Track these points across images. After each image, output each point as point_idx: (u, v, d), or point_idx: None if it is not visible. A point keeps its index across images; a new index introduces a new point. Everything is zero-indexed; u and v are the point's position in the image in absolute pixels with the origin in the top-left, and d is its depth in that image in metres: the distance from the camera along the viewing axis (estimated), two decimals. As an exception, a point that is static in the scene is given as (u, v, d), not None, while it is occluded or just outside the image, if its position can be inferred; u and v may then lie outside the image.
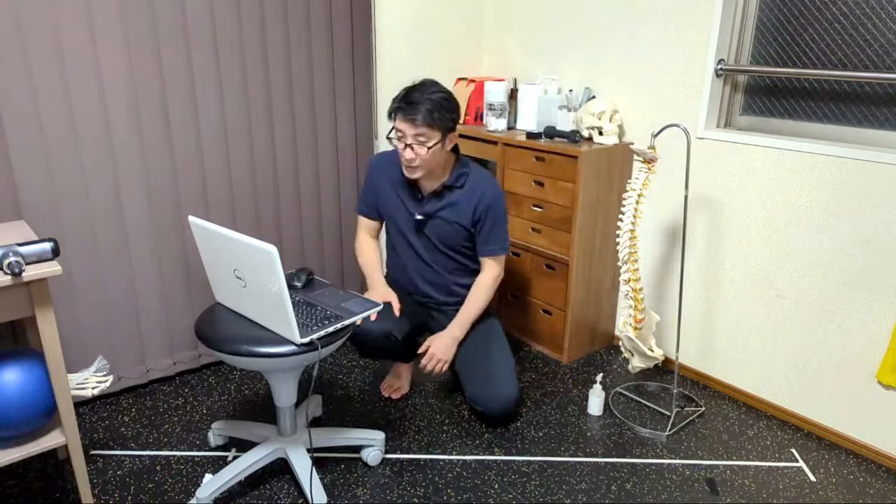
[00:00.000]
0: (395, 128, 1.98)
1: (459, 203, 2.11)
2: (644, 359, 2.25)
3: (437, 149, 1.98)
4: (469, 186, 2.11)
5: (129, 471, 1.97)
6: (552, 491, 1.92)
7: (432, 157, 1.98)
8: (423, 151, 1.95)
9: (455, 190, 2.11)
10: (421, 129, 1.92)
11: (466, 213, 2.11)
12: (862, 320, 2.06)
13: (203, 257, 1.78)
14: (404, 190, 2.15)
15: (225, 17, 2.28)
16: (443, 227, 2.13)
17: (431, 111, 1.92)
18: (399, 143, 1.98)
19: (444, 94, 1.97)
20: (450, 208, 2.11)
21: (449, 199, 2.11)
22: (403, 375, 2.42)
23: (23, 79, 1.95)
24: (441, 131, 1.96)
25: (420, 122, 1.91)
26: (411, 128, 1.93)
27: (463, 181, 2.11)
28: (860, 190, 2.00)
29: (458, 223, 2.12)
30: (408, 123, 1.93)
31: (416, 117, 1.91)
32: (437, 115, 1.93)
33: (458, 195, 2.11)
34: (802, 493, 1.94)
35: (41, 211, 2.07)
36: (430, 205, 2.12)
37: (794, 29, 2.19)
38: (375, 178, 2.21)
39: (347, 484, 1.93)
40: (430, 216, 2.12)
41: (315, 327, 1.67)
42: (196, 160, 2.34)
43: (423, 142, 1.94)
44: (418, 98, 1.93)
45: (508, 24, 3.05)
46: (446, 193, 2.11)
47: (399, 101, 1.96)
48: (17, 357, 1.64)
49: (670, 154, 2.49)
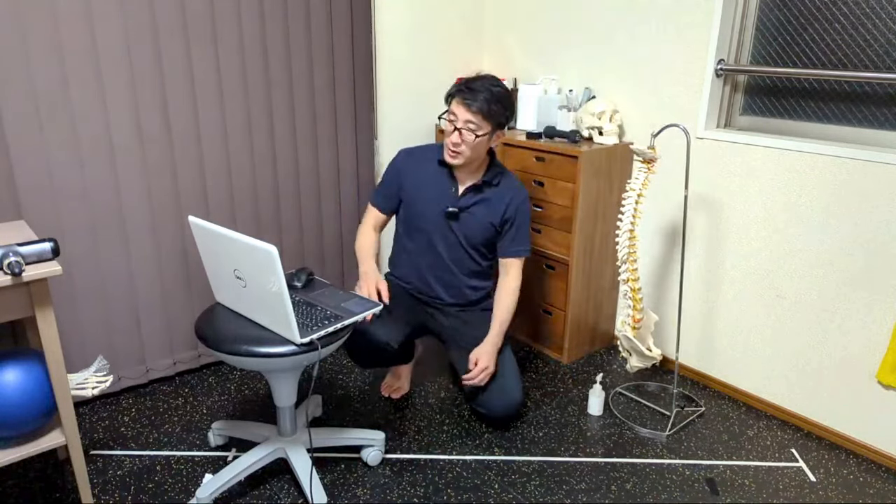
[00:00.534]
0: (449, 111, 2.01)
1: (492, 201, 2.14)
2: (642, 358, 2.25)
3: (483, 140, 2.01)
4: (503, 186, 2.15)
5: (129, 471, 1.97)
6: (552, 491, 1.92)
7: (477, 146, 2.01)
8: (471, 138, 1.98)
9: (491, 188, 2.14)
10: (474, 117, 1.96)
11: (498, 210, 2.14)
12: (862, 320, 2.06)
13: (203, 257, 1.78)
14: (438, 184, 2.15)
15: (225, 17, 2.28)
16: (473, 223, 2.14)
17: (489, 101, 1.96)
18: (449, 126, 2.01)
19: (503, 90, 2.02)
20: (483, 204, 2.14)
21: (484, 195, 2.14)
22: (403, 375, 2.42)
23: (23, 79, 1.95)
24: (492, 124, 2.00)
25: (475, 109, 1.96)
26: (466, 112, 1.97)
27: (499, 180, 2.15)
28: (860, 190, 2.00)
29: (489, 221, 2.14)
30: (463, 108, 1.97)
31: (472, 103, 1.95)
32: (494, 107, 1.97)
33: (492, 193, 2.14)
34: (802, 493, 1.94)
35: (41, 211, 2.07)
36: (464, 199, 2.13)
37: (794, 29, 2.19)
38: (403, 171, 2.18)
39: (347, 484, 1.93)
40: (463, 210, 2.14)
41: (315, 327, 1.67)
42: (196, 160, 2.34)
43: (473, 129, 1.97)
44: (479, 87, 1.98)
45: (508, 24, 3.05)
46: (484, 189, 2.14)
47: (460, 85, 2.01)
48: (17, 357, 1.64)
49: (670, 154, 2.49)
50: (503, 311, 2.17)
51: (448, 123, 2.01)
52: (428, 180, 2.16)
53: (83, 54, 2.03)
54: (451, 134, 2.00)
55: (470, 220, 2.14)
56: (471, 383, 2.09)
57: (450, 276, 2.22)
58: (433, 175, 2.16)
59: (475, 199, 2.13)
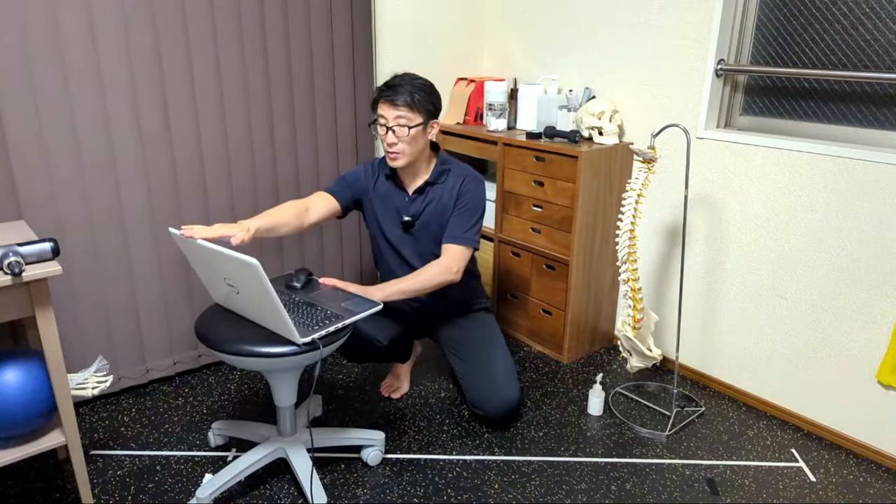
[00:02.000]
0: (377, 117, 1.99)
1: (441, 197, 2.09)
2: (642, 358, 2.25)
3: (418, 132, 1.97)
4: (451, 179, 2.10)
5: (129, 471, 1.97)
6: (552, 491, 1.92)
7: (413, 141, 1.97)
8: (405, 133, 1.94)
9: (437, 186, 2.09)
10: (402, 112, 1.93)
11: (449, 204, 2.08)
12: (862, 320, 2.06)
13: (193, 266, 1.76)
14: (389, 198, 2.12)
15: (225, 16, 2.28)
16: (431, 226, 2.10)
17: (412, 93, 1.94)
18: (381, 130, 1.98)
19: (424, 81, 1.99)
20: (434, 204, 2.09)
21: (432, 195, 2.09)
22: (403, 375, 2.43)
23: (23, 79, 1.95)
24: (422, 114, 1.96)
25: (401, 104, 1.93)
26: (392, 110, 1.93)
27: (444, 177, 2.10)
28: (860, 190, 2.00)
29: (445, 217, 2.09)
30: (388, 106, 1.94)
31: (396, 98, 1.93)
32: (418, 97, 1.94)
33: (440, 191, 2.09)
34: (802, 493, 1.94)
35: (41, 211, 2.07)
36: (415, 204, 2.10)
37: (794, 29, 2.19)
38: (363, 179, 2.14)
39: (347, 484, 1.93)
40: (417, 216, 2.10)
41: (316, 327, 1.67)
42: (196, 160, 2.34)
43: (404, 124, 1.93)
44: (399, 83, 1.95)
45: (508, 24, 3.05)
46: (429, 190, 2.09)
47: (380, 88, 1.98)
48: (17, 357, 1.64)
49: (670, 154, 2.49)
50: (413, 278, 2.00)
51: (380, 128, 1.98)
52: (382, 195, 2.12)
53: (83, 54, 2.03)
54: (386, 135, 1.96)
55: (427, 224, 2.10)
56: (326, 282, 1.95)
57: None
58: (386, 190, 2.12)
59: (424, 202, 2.09)
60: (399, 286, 1.98)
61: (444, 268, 2.02)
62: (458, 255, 2.04)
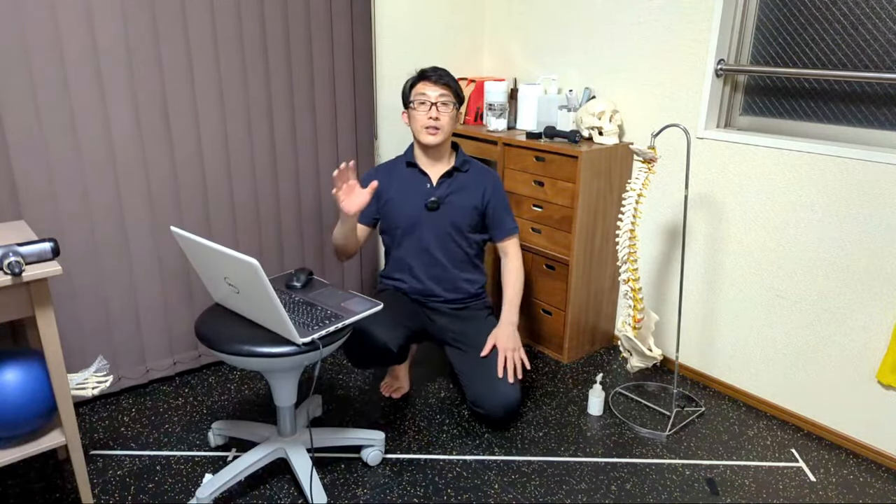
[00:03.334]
0: (416, 94, 2.13)
1: (468, 186, 2.23)
2: (643, 358, 2.25)
3: (454, 114, 2.16)
4: (473, 172, 2.25)
5: (129, 471, 1.97)
6: (552, 491, 1.92)
7: (450, 122, 2.14)
8: (447, 110, 2.12)
9: (461, 174, 2.23)
10: (444, 90, 2.11)
11: (476, 194, 2.23)
12: (862, 320, 2.06)
13: (193, 265, 1.77)
14: (412, 184, 2.22)
15: (225, 16, 2.28)
16: (455, 210, 2.21)
17: (450, 76, 2.15)
18: (423, 107, 2.11)
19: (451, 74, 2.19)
20: (460, 192, 2.22)
21: (459, 181, 2.23)
22: (402, 375, 2.43)
23: (23, 79, 1.95)
24: (457, 99, 2.16)
25: (444, 83, 2.12)
26: (437, 88, 2.11)
27: (468, 166, 2.25)
28: (860, 190, 2.00)
29: (471, 205, 2.22)
30: (433, 85, 2.11)
31: (439, 79, 2.12)
32: (453, 81, 2.15)
33: (466, 179, 2.23)
34: (802, 493, 1.94)
35: (41, 211, 2.07)
36: (440, 189, 2.21)
37: (794, 29, 2.19)
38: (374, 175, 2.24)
39: (347, 484, 1.93)
40: (443, 199, 2.20)
41: (316, 327, 1.67)
42: (196, 160, 2.34)
43: (446, 102, 2.11)
44: (435, 69, 2.14)
45: (508, 24, 3.05)
46: (456, 175, 2.22)
47: (419, 72, 2.15)
48: (17, 357, 1.64)
49: (670, 154, 2.49)
50: (512, 289, 2.25)
51: (420, 105, 2.11)
52: (403, 183, 2.23)
53: (83, 54, 2.03)
54: (428, 112, 2.10)
55: (452, 208, 2.21)
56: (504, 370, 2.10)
57: (443, 272, 2.25)
58: (407, 178, 2.23)
59: (451, 187, 2.22)
60: (514, 302, 2.24)
61: (518, 262, 2.29)
62: (517, 244, 2.31)
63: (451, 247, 2.24)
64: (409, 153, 2.25)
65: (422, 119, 2.11)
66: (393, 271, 2.32)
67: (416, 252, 2.24)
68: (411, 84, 2.15)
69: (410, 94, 2.14)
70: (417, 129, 2.14)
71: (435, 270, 2.25)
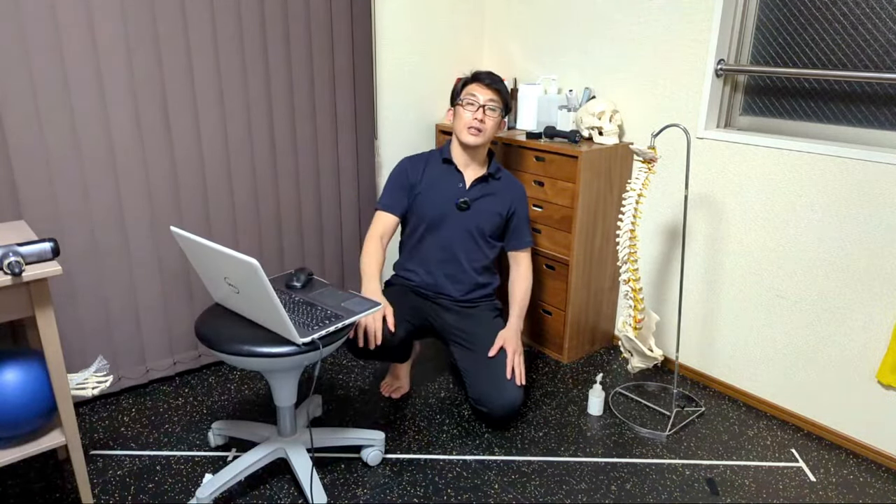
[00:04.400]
0: (466, 94, 2.17)
1: (498, 193, 2.28)
2: (643, 359, 2.25)
3: (499, 120, 2.20)
4: (505, 181, 2.31)
5: (129, 471, 1.97)
6: (552, 491, 1.92)
7: (493, 127, 2.19)
8: (493, 114, 2.16)
9: (494, 180, 2.28)
10: (495, 95, 2.16)
11: (505, 202, 2.28)
12: (862, 320, 2.06)
13: (193, 265, 1.77)
14: (446, 181, 2.25)
15: (225, 16, 2.28)
16: (483, 213, 2.24)
17: (501, 82, 2.20)
18: (470, 107, 2.15)
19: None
20: (491, 197, 2.27)
21: (490, 188, 2.27)
22: (402, 375, 2.43)
23: (23, 79, 1.95)
24: (504, 107, 2.20)
25: (495, 89, 2.16)
26: (487, 92, 2.15)
27: (500, 175, 2.31)
28: (860, 190, 2.00)
29: (497, 211, 2.27)
30: (484, 88, 2.16)
31: (492, 84, 2.16)
32: (504, 91, 2.20)
33: (497, 186, 2.28)
34: (802, 493, 1.94)
35: (41, 211, 2.07)
36: (472, 191, 2.25)
37: (794, 29, 2.19)
38: (410, 172, 2.27)
39: (347, 484, 1.93)
40: (473, 201, 2.24)
41: (316, 327, 1.67)
42: (196, 160, 2.34)
43: (493, 107, 2.15)
44: (490, 73, 2.19)
45: (508, 24, 3.05)
46: (490, 181, 2.27)
47: (473, 74, 2.20)
48: (17, 357, 1.64)
49: (670, 154, 2.49)
50: (521, 295, 2.31)
51: (468, 105, 2.15)
52: (436, 178, 2.26)
53: (83, 54, 2.03)
54: (475, 112, 2.14)
55: (480, 211, 2.24)
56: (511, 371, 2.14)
57: (460, 272, 2.27)
58: (440, 173, 2.26)
59: (482, 191, 2.26)
60: (523, 310, 2.30)
61: (528, 273, 2.34)
62: (529, 257, 2.36)
63: (471, 248, 2.26)
64: (446, 150, 2.27)
65: (467, 118, 2.15)
66: (407, 262, 2.33)
67: (436, 248, 2.26)
68: (464, 83, 2.19)
69: (461, 93, 2.18)
70: (460, 128, 2.17)
71: (451, 269, 2.27)
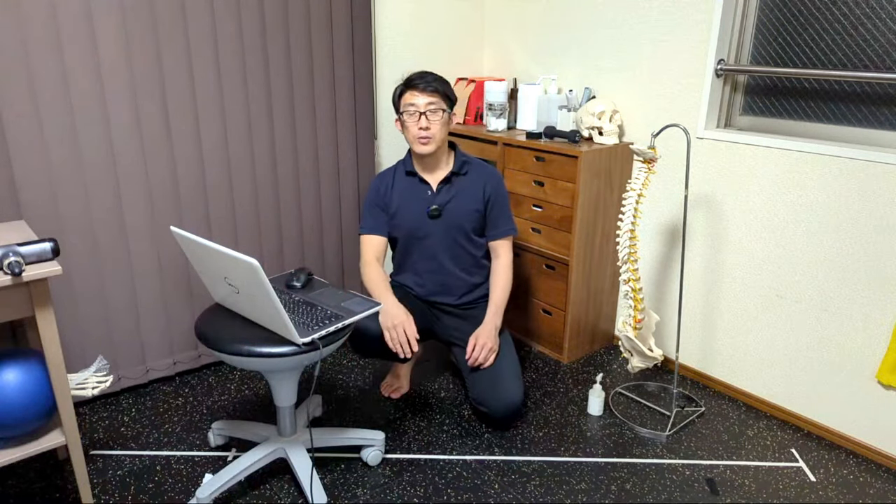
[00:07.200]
0: (404, 106, 2.09)
1: (468, 188, 2.20)
2: (643, 359, 2.25)
3: (445, 119, 2.11)
4: (473, 173, 2.22)
5: (129, 471, 1.97)
6: (552, 491, 1.92)
7: (444, 126, 2.10)
8: (438, 117, 2.07)
9: (461, 177, 2.21)
10: (432, 98, 2.06)
11: (477, 196, 2.20)
12: (862, 320, 2.06)
13: (193, 265, 1.77)
14: (413, 193, 2.20)
15: (225, 17, 2.28)
16: (457, 215, 2.19)
17: (437, 81, 2.09)
18: (412, 118, 2.08)
19: (440, 75, 2.14)
20: (461, 194, 2.20)
21: (458, 185, 2.20)
22: (403, 375, 2.43)
23: (23, 79, 1.95)
24: (447, 103, 2.10)
25: (431, 90, 2.07)
26: (423, 97, 2.06)
27: (466, 168, 2.22)
28: (860, 190, 2.00)
29: (472, 208, 2.20)
30: (419, 93, 2.07)
31: (426, 86, 2.07)
32: (442, 86, 2.09)
33: (464, 182, 2.21)
34: (802, 493, 1.94)
35: (41, 211, 2.07)
36: (440, 196, 2.18)
37: (794, 29, 2.19)
38: (381, 190, 2.22)
39: (347, 484, 1.93)
40: (444, 205, 2.19)
41: (316, 327, 1.67)
42: (196, 160, 2.34)
43: (435, 110, 2.06)
44: (420, 75, 2.09)
45: (508, 24, 3.05)
46: (455, 180, 2.20)
47: (405, 82, 2.10)
48: (17, 357, 1.64)
49: (670, 154, 2.49)
50: (499, 291, 2.23)
51: (409, 116, 2.08)
52: (404, 192, 2.21)
53: (83, 54, 2.03)
54: (418, 122, 2.06)
55: (454, 212, 2.19)
56: (477, 363, 2.11)
57: (451, 279, 2.25)
58: (406, 186, 2.21)
59: (450, 192, 2.19)
60: (500, 306, 2.21)
61: (507, 262, 2.25)
62: (510, 247, 2.27)
63: (458, 252, 2.23)
64: (407, 161, 2.21)
65: (413, 130, 2.08)
66: (399, 275, 2.32)
67: (423, 259, 2.24)
68: (399, 93, 2.11)
69: (399, 104, 2.10)
70: (411, 139, 2.11)
71: (442, 277, 2.24)
